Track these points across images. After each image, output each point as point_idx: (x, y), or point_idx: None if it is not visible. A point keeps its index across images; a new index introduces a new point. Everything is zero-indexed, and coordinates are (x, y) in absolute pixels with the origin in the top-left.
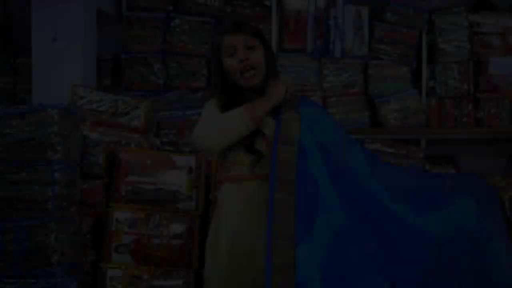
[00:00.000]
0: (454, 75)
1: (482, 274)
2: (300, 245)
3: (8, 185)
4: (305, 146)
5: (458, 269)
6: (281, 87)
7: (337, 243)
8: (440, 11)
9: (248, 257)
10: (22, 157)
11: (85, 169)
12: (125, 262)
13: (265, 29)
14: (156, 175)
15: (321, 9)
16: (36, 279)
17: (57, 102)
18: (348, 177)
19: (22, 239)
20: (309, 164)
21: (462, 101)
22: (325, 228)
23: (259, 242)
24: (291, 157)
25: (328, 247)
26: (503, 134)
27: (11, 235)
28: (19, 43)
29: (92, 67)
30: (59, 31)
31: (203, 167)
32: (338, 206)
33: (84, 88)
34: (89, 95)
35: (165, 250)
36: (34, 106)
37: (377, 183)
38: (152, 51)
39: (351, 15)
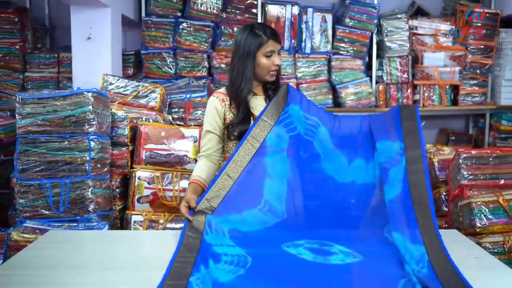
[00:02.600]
0: (397, 67)
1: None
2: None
3: (54, 151)
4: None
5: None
6: (185, 213)
7: None
8: (387, 17)
9: None
10: (65, 129)
11: (114, 139)
12: (145, 210)
13: None
14: (169, 144)
15: (295, 15)
16: (77, 223)
17: (91, 87)
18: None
19: (66, 192)
20: (266, 159)
21: (403, 87)
22: None
23: None
24: (252, 151)
25: None
26: (435, 112)
27: (58, 189)
28: (62, 41)
29: (118, 60)
30: (93, 32)
31: None
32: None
33: (113, 76)
34: (116, 81)
35: (175, 200)
36: (74, 90)
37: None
38: (165, 48)
39: (318, 20)
